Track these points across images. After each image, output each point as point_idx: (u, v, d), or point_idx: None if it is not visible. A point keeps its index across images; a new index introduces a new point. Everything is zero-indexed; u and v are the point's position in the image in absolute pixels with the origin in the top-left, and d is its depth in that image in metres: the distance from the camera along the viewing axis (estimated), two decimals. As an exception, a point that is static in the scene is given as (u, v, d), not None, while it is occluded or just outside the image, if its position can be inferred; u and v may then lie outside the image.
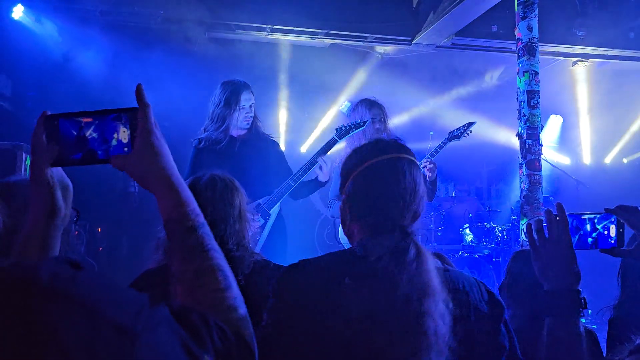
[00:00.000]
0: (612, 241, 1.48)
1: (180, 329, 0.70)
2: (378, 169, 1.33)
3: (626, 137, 7.75)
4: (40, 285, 0.59)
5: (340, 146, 3.62)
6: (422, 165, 3.74)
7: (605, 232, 1.49)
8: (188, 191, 0.89)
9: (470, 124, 3.96)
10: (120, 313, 0.63)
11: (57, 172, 0.95)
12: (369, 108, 3.67)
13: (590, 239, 1.48)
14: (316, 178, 3.38)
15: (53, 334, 0.57)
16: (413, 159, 1.36)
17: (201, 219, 0.89)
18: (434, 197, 3.99)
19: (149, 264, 1.69)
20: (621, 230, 1.48)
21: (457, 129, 3.95)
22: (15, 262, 0.64)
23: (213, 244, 0.88)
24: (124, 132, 0.89)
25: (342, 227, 1.38)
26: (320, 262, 1.31)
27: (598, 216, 1.49)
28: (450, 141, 3.93)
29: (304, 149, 6.89)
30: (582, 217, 1.50)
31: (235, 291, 0.86)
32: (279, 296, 1.28)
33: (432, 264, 1.26)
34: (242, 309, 0.86)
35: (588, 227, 1.49)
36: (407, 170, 1.33)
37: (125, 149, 0.89)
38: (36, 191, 0.93)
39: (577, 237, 1.48)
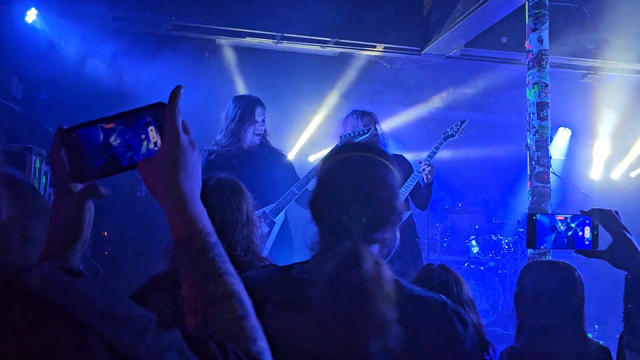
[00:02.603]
0: (587, 242, 1.51)
1: (194, 357, 0.62)
2: (331, 168, 1.19)
3: (635, 151, 7.70)
4: (26, 289, 0.53)
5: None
6: (420, 168, 3.70)
7: (580, 234, 1.51)
8: (199, 206, 0.80)
9: (463, 121, 3.90)
10: (118, 331, 0.55)
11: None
12: (361, 117, 3.68)
13: (565, 239, 1.51)
14: None
15: (36, 346, 0.51)
16: (379, 158, 1.19)
17: (213, 238, 0.79)
18: (428, 203, 3.87)
19: (157, 269, 1.68)
20: (595, 232, 1.51)
21: (450, 128, 3.87)
22: (6, 262, 0.58)
23: (228, 267, 0.79)
24: (152, 130, 0.80)
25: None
26: (250, 280, 1.18)
27: (573, 217, 1.52)
28: (445, 141, 3.84)
29: (312, 158, 6.88)
30: (557, 217, 1.52)
31: (253, 320, 0.77)
32: None
33: (388, 282, 1.07)
34: (262, 340, 0.76)
35: (563, 227, 1.52)
36: (366, 167, 1.17)
37: (156, 149, 0.80)
38: (58, 214, 0.82)
39: (553, 236, 1.51)
